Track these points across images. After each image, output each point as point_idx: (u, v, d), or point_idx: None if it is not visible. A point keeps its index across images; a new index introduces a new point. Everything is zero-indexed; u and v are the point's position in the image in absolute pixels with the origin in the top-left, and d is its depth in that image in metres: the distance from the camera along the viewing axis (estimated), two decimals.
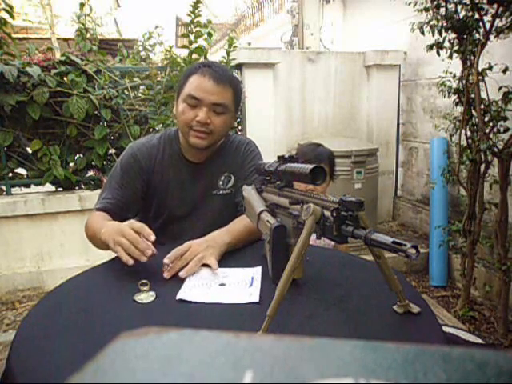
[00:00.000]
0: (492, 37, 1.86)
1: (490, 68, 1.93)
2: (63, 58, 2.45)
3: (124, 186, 1.17)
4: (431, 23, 2.03)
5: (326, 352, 0.19)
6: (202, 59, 2.73)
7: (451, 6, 1.96)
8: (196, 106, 1.10)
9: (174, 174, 1.20)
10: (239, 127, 2.98)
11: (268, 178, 0.93)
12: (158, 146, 1.21)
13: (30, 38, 4.63)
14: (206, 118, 1.10)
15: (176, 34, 9.64)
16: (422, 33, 2.08)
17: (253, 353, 0.19)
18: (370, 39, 3.64)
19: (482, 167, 2.05)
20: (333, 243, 1.63)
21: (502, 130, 1.93)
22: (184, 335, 0.21)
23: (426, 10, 2.03)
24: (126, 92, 2.60)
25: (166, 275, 0.91)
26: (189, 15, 2.63)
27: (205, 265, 0.95)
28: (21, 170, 2.57)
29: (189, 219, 1.23)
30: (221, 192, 1.23)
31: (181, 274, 0.91)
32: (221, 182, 1.23)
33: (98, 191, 2.52)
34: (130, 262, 0.88)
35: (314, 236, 0.68)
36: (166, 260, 0.93)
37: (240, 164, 1.25)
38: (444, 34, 2.03)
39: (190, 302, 0.80)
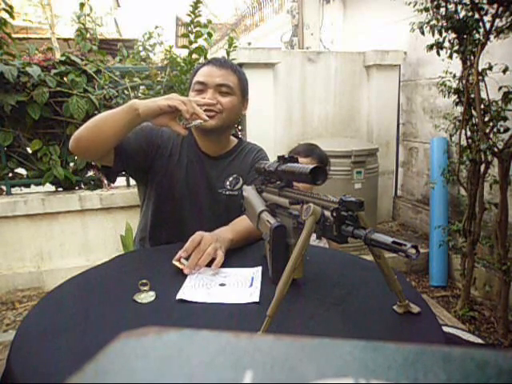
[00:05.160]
0: (492, 37, 1.86)
1: (490, 68, 1.93)
2: (63, 58, 2.45)
3: (137, 137, 1.17)
4: (431, 23, 2.03)
5: (326, 352, 0.19)
6: (201, 59, 2.73)
7: (451, 6, 1.96)
8: (203, 90, 1.17)
9: (187, 161, 1.23)
10: (239, 127, 2.98)
11: (268, 177, 0.93)
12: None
13: (30, 38, 4.63)
14: (214, 98, 1.16)
15: (176, 34, 9.65)
16: (422, 33, 2.08)
17: (253, 353, 0.19)
18: (370, 39, 3.64)
19: (482, 167, 2.05)
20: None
21: (501, 129, 1.93)
22: (184, 335, 0.21)
23: (426, 10, 2.03)
24: (125, 92, 2.59)
25: (187, 271, 0.91)
26: (189, 15, 2.63)
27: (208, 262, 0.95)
28: (21, 170, 2.57)
29: (192, 215, 1.23)
30: (228, 192, 1.25)
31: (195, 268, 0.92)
32: (228, 183, 1.25)
33: (98, 191, 2.57)
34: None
35: (314, 236, 0.68)
36: (182, 254, 0.94)
37: (248, 169, 1.28)
38: (444, 34, 2.03)
39: (190, 302, 0.80)
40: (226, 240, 1.03)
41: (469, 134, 2.08)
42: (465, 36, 1.97)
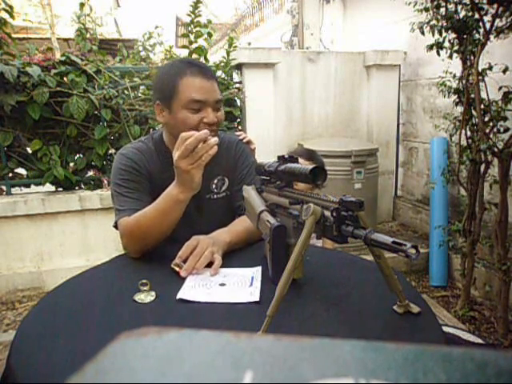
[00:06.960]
0: (492, 37, 1.86)
1: (490, 68, 1.93)
2: (63, 58, 2.45)
3: (136, 188, 1.12)
4: (431, 23, 2.03)
5: (325, 352, 0.19)
6: (201, 59, 2.73)
7: (451, 6, 1.96)
8: (200, 109, 1.08)
9: (168, 178, 1.10)
10: (239, 127, 2.98)
11: (268, 178, 0.92)
12: (149, 149, 1.17)
13: (30, 38, 4.63)
14: (214, 117, 1.09)
15: (176, 34, 9.66)
16: (422, 33, 2.08)
17: (253, 353, 0.19)
18: (370, 39, 3.64)
19: (482, 167, 2.05)
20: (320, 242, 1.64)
21: (501, 130, 1.93)
22: (184, 335, 0.21)
23: (426, 10, 2.03)
24: (125, 92, 2.59)
25: (184, 274, 0.91)
26: (189, 15, 2.63)
27: (206, 265, 0.95)
28: (21, 170, 2.57)
29: (185, 225, 1.20)
30: (215, 196, 1.21)
31: (193, 271, 0.92)
32: (214, 186, 1.20)
33: (98, 191, 2.57)
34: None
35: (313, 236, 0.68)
36: (177, 260, 0.93)
37: (233, 166, 1.22)
38: (444, 34, 2.03)
39: (190, 302, 0.80)
40: (223, 243, 1.02)
41: (469, 134, 2.08)
42: (465, 36, 1.97)
